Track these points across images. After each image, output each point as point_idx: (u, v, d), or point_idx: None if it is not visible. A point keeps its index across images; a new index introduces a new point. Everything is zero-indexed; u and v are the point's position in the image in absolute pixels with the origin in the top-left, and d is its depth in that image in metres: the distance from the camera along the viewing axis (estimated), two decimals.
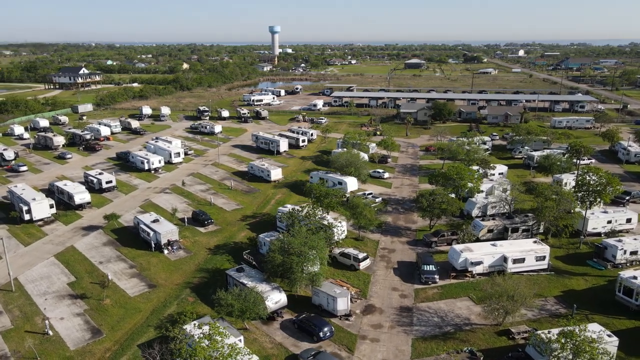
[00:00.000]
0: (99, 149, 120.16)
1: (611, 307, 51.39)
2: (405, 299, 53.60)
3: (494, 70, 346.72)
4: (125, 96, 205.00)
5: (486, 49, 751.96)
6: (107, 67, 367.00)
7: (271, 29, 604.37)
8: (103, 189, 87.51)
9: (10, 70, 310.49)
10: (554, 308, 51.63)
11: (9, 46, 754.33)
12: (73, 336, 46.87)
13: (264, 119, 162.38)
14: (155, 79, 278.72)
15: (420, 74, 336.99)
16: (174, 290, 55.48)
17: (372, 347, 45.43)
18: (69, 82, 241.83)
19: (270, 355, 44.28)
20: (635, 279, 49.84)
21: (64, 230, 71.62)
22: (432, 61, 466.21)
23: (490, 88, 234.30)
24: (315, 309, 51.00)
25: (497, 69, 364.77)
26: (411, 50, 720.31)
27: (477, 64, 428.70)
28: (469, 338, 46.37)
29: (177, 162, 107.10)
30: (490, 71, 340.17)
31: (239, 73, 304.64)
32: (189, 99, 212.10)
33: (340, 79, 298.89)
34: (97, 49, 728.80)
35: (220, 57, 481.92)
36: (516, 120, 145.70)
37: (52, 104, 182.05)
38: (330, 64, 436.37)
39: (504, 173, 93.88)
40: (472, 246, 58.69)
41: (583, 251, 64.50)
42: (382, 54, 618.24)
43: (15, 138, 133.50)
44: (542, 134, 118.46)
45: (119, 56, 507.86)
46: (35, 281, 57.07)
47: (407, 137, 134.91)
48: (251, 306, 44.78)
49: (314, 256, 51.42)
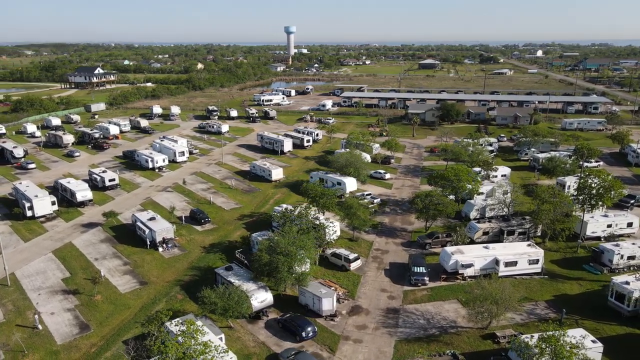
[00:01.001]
0: (106, 148, 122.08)
1: (603, 312, 50.38)
2: (393, 300, 53.34)
3: (509, 71, 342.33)
4: (137, 95, 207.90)
5: (504, 50, 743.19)
6: (124, 67, 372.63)
7: (286, 29, 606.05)
8: (106, 187, 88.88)
9: (30, 69, 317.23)
10: (543, 312, 50.84)
11: (31, 46, 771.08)
12: (61, 331, 47.74)
13: (272, 119, 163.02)
14: (169, 78, 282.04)
15: (434, 74, 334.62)
16: (165, 287, 56.11)
17: (354, 347, 45.33)
18: (85, 82, 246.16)
19: (252, 353, 44.50)
20: (628, 285, 48.78)
21: (64, 227, 72.97)
22: (448, 62, 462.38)
23: (503, 89, 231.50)
24: (302, 308, 51.09)
25: (513, 70, 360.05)
26: (427, 50, 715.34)
27: (493, 65, 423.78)
28: (453, 341, 45.94)
29: (181, 161, 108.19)
30: (505, 72, 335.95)
31: (252, 73, 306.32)
32: (200, 98, 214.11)
33: (353, 80, 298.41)
34: (116, 49, 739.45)
35: (235, 57, 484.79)
36: (526, 122, 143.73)
37: (66, 103, 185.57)
38: (344, 64, 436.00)
39: (506, 175, 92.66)
40: (464, 248, 58.12)
41: (580, 255, 63.32)
42: (397, 55, 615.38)
43: (28, 136, 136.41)
44: (549, 136, 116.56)
45: (136, 56, 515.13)
46: (31, 276, 58.26)
47: (414, 138, 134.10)
48: (234, 305, 45.06)
49: (302, 256, 51.48)
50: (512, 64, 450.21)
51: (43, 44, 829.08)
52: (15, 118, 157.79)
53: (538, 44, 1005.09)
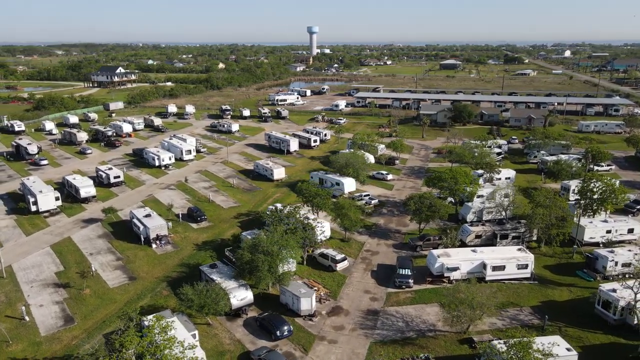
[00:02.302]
0: (118, 145, 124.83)
1: (590, 320, 49.05)
2: (375, 302, 53.06)
3: (532, 72, 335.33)
4: (156, 95, 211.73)
5: (531, 50, 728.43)
6: (147, 66, 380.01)
7: (309, 29, 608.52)
8: (111, 184, 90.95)
9: (57, 69, 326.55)
10: (527, 318, 49.79)
11: (62, 46, 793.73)
12: (47, 323, 49.18)
13: (284, 118, 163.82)
14: (188, 78, 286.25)
15: (454, 75, 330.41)
16: (152, 283, 57.15)
17: (328, 348, 45.32)
18: (106, 81, 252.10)
19: (226, 350, 44.99)
20: (614, 292, 47.36)
21: (66, 222, 75.03)
22: (471, 62, 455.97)
23: (523, 90, 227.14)
24: (283, 307, 51.34)
25: (536, 71, 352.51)
26: (452, 51, 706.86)
27: (517, 65, 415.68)
28: (429, 345, 45.46)
29: (188, 160, 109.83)
30: (528, 72, 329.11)
31: (271, 73, 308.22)
32: (217, 97, 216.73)
33: (371, 80, 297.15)
34: (143, 49, 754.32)
35: (257, 57, 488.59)
36: (540, 124, 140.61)
37: (86, 102, 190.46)
38: (364, 64, 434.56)
39: (511, 178, 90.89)
40: (451, 251, 57.39)
41: (575, 261, 61.75)
42: (420, 55, 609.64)
43: (46, 133, 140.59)
44: (561, 138, 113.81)
45: (160, 56, 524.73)
46: (27, 269, 60.14)
47: (423, 139, 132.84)
48: (210, 302, 45.60)
49: (283, 255, 51.67)
50: (537, 64, 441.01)
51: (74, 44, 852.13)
52: (35, 116, 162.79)
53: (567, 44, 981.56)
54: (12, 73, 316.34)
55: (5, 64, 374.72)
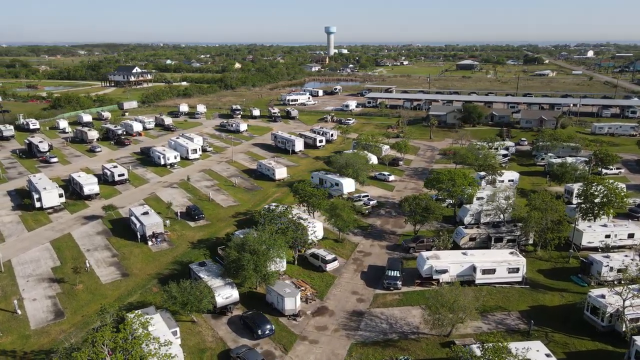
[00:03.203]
0: (127, 144, 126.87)
1: (578, 326, 48.06)
2: (361, 303, 52.90)
3: (551, 72, 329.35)
4: (170, 94, 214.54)
5: (553, 50, 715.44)
6: (165, 66, 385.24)
7: (327, 29, 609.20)
8: (115, 181, 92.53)
9: (77, 68, 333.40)
10: (514, 323, 49.04)
11: (85, 46, 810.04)
12: (37, 317, 50.34)
13: (294, 118, 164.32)
14: (204, 78, 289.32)
15: (471, 75, 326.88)
16: (144, 280, 57.98)
17: (308, 348, 45.37)
18: (123, 80, 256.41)
19: (207, 348, 45.42)
20: (603, 298, 46.31)
21: (68, 219, 76.61)
22: (489, 62, 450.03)
23: (539, 91, 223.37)
24: (268, 306, 51.59)
25: (555, 71, 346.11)
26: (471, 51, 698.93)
27: (537, 66, 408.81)
28: (410, 347, 45.14)
29: (193, 159, 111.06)
30: (547, 73, 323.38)
31: (285, 73, 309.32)
32: (230, 97, 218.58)
33: (386, 80, 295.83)
34: (163, 49, 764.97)
35: (273, 58, 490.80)
36: (552, 125, 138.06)
37: (101, 101, 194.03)
38: (380, 64, 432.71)
39: (514, 180, 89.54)
40: (441, 254, 56.83)
41: (571, 266, 60.56)
42: (438, 55, 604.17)
43: (60, 131, 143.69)
44: (570, 140, 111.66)
45: (179, 56, 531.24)
46: (25, 264, 61.63)
47: (431, 140, 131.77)
48: (193, 300, 46.09)
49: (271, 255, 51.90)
50: (558, 65, 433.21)
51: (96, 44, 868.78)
52: (51, 114, 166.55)
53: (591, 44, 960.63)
54: (33, 72, 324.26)
55: (28, 64, 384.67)
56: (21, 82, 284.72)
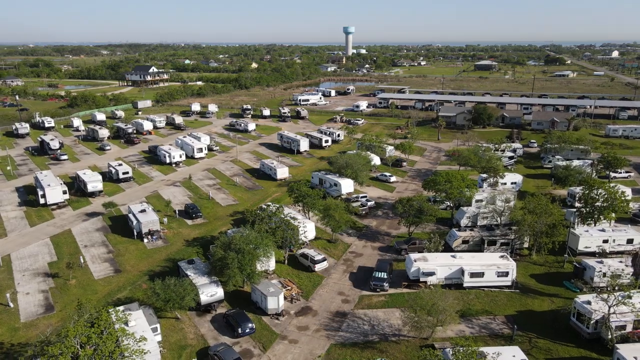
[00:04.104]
0: (137, 142, 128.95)
1: (564, 332, 47.11)
2: (346, 304, 52.80)
3: (571, 73, 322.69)
4: (184, 93, 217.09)
5: (577, 50, 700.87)
6: (183, 66, 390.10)
7: (345, 29, 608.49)
8: (120, 179, 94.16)
9: (97, 68, 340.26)
10: (498, 327, 48.33)
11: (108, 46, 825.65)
12: (28, 310, 51.63)
13: (303, 118, 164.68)
14: (219, 77, 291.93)
15: (488, 76, 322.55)
16: (135, 276, 58.91)
17: (287, 347, 45.50)
18: (139, 80, 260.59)
19: (187, 345, 45.93)
20: (589, 305, 45.28)
21: (70, 215, 78.31)
22: (509, 63, 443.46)
23: (556, 92, 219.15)
24: (253, 305, 51.92)
25: (576, 72, 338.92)
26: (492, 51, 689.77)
27: (558, 66, 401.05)
28: (389, 349, 44.89)
29: (199, 157, 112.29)
30: (567, 74, 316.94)
31: (300, 73, 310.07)
32: (243, 97, 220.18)
33: (401, 81, 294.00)
34: (184, 49, 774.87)
35: (291, 58, 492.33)
36: (564, 127, 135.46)
37: (116, 100, 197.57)
38: (397, 65, 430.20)
39: (517, 183, 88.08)
40: (429, 256, 56.30)
41: (566, 271, 59.33)
42: (457, 55, 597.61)
43: (73, 130, 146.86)
44: (580, 143, 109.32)
45: (198, 56, 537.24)
46: (23, 258, 63.23)
47: (438, 142, 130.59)
48: (175, 297, 46.67)
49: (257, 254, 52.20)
50: (580, 65, 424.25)
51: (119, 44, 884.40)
52: (67, 113, 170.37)
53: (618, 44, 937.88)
54: (55, 72, 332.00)
55: (51, 63, 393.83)
56: (42, 81, 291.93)
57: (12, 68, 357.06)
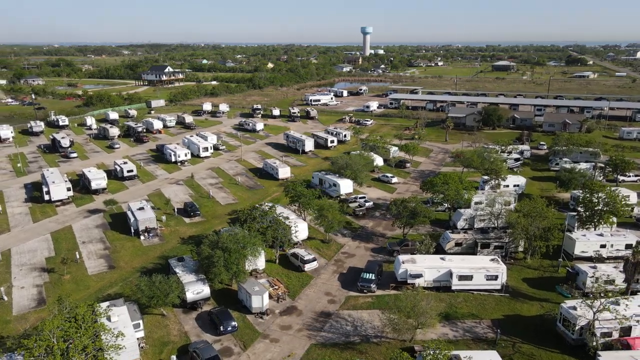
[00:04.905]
0: (146, 141, 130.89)
1: (550, 338, 46.24)
2: (332, 304, 52.74)
3: (592, 74, 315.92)
4: (197, 93, 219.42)
5: (601, 51, 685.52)
6: (200, 65, 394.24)
7: (363, 29, 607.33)
8: (125, 177, 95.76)
9: (117, 68, 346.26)
10: (483, 331, 47.69)
11: (130, 46, 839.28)
12: (21, 303, 52.91)
13: (312, 118, 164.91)
14: (234, 77, 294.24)
15: (505, 76, 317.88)
16: (128, 273, 59.82)
17: (267, 346, 45.68)
18: (155, 79, 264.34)
19: (170, 342, 46.47)
20: (574, 310, 44.36)
21: (73, 212, 79.94)
22: (529, 63, 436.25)
23: (573, 93, 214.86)
24: (239, 303, 52.27)
25: (597, 73, 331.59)
26: (513, 51, 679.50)
27: (579, 67, 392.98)
28: (369, 351, 44.70)
29: (204, 156, 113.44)
30: (587, 75, 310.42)
31: (315, 73, 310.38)
32: (256, 97, 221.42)
33: (416, 81, 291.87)
34: (204, 49, 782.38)
35: (307, 58, 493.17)
36: (576, 129, 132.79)
37: (130, 99, 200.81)
38: (414, 65, 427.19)
39: (520, 185, 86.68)
40: (418, 258, 55.89)
41: (560, 275, 58.18)
42: (476, 56, 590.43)
43: (86, 128, 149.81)
44: (590, 145, 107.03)
45: (215, 56, 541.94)
46: (23, 253, 64.81)
47: (446, 143, 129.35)
48: (159, 294, 47.29)
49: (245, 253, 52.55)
50: (603, 66, 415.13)
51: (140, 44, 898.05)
52: (82, 112, 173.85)
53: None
54: (76, 71, 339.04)
55: (72, 63, 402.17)
56: (63, 80, 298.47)
57: (34, 68, 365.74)
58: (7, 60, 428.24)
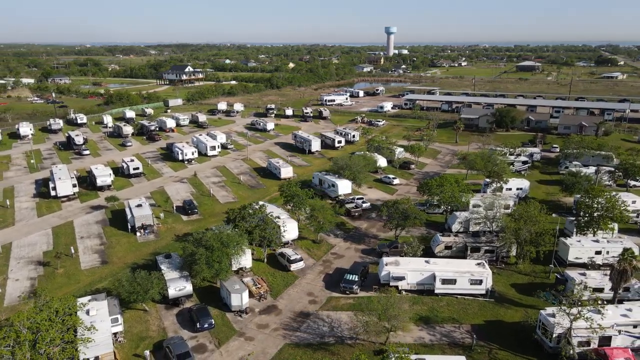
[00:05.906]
0: (158, 139, 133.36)
1: (529, 345, 45.19)
2: (312, 305, 52.77)
3: (621, 75, 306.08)
4: (215, 92, 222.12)
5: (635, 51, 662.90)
6: (223, 65, 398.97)
7: (387, 29, 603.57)
8: (131, 174, 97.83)
9: (141, 67, 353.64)
10: (460, 336, 46.95)
11: (158, 46, 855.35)
12: (13, 295, 54.72)
13: (325, 118, 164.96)
14: (253, 77, 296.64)
15: (528, 77, 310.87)
16: (119, 268, 61.10)
17: (241, 344, 46.06)
18: (175, 79, 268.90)
19: (147, 337, 47.35)
20: (553, 317, 43.22)
21: (76, 207, 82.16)
22: (556, 64, 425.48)
23: (598, 95, 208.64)
24: (220, 301, 52.84)
25: (627, 74, 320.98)
26: (541, 51, 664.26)
27: (609, 68, 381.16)
28: (341, 352, 44.57)
29: (211, 155, 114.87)
30: (615, 76, 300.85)
31: (334, 73, 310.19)
32: (272, 97, 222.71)
33: (436, 82, 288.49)
34: (228, 49, 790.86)
35: (329, 58, 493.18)
36: (592, 132, 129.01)
37: (149, 98, 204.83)
38: (436, 65, 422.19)
39: (523, 189, 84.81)
40: (401, 260, 55.36)
41: (551, 282, 56.76)
42: (502, 56, 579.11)
43: (103, 126, 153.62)
44: (603, 148, 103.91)
45: (239, 56, 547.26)
46: (23, 247, 66.99)
47: (456, 144, 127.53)
48: (139, 290, 48.22)
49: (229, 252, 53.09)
50: (633, 67, 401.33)
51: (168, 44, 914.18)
52: (102, 110, 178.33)
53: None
54: (102, 71, 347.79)
55: (100, 62, 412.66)
56: (89, 79, 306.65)
57: (63, 67, 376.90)
58: (38, 59, 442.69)
